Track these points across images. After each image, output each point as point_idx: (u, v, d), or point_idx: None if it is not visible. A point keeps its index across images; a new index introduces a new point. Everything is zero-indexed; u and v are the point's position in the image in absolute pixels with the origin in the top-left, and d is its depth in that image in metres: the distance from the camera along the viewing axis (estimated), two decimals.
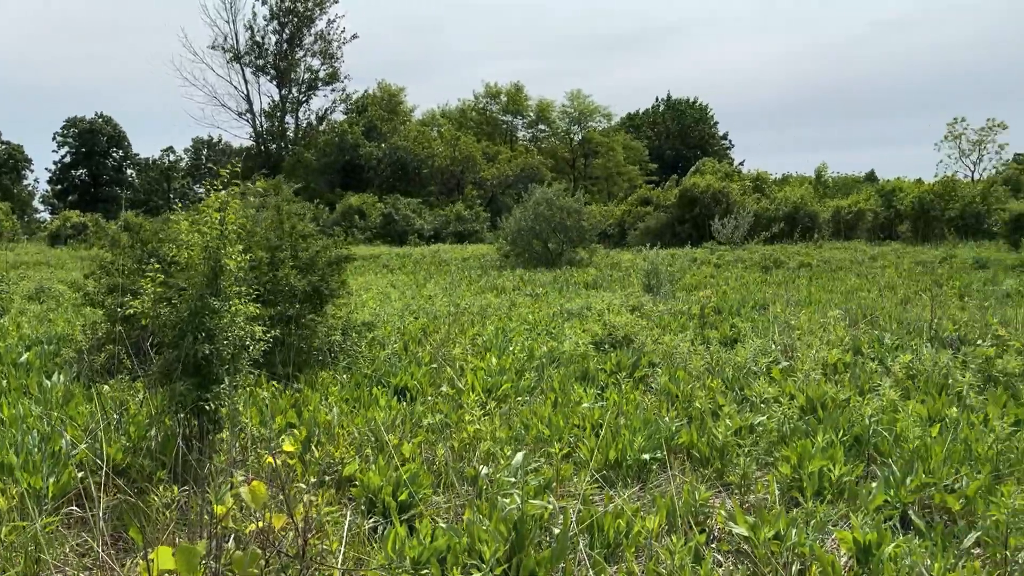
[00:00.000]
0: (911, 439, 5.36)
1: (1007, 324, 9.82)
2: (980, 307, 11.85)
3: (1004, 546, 3.81)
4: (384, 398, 6.89)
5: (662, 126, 77.61)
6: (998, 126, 70.15)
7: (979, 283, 16.43)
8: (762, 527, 3.95)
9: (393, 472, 4.82)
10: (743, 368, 7.94)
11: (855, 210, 41.19)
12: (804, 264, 23.03)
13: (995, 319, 10.20)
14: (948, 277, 17.91)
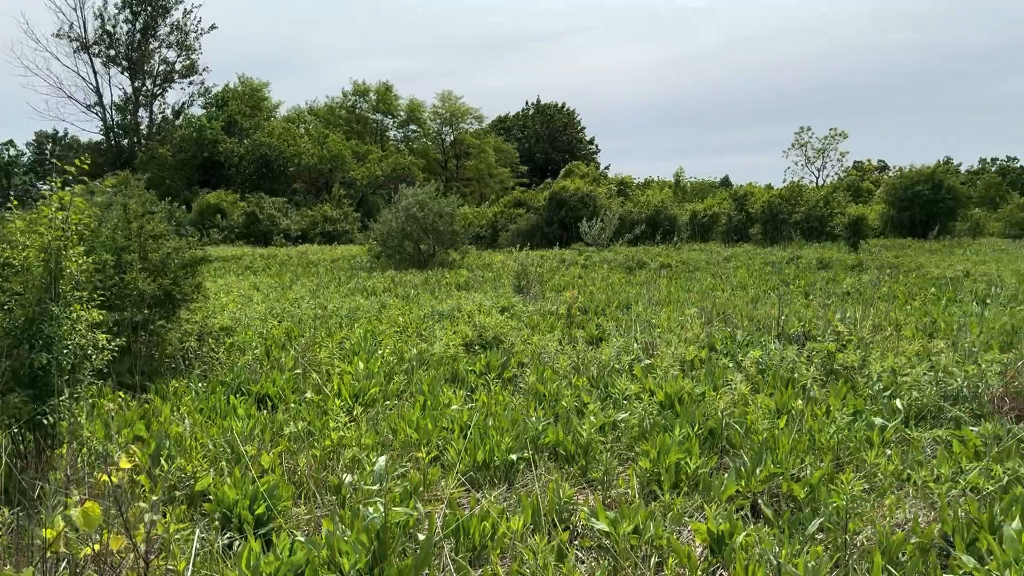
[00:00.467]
0: (760, 431, 5.65)
1: (846, 321, 10.56)
2: (823, 305, 12.70)
3: (844, 530, 4.07)
4: (243, 407, 6.59)
5: (532, 130, 78.90)
6: (840, 135, 75.71)
7: (822, 282, 17.63)
8: (622, 522, 4.04)
9: (250, 485, 4.60)
10: (607, 366, 8.14)
11: (711, 213, 43.34)
12: (665, 265, 23.98)
13: (836, 316, 10.95)
14: (794, 277, 19.13)
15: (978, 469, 4.73)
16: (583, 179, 46.53)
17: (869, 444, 5.51)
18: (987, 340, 9.18)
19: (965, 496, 4.44)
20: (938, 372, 7.08)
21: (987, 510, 4.08)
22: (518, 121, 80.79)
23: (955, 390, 6.60)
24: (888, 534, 3.91)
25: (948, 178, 45.00)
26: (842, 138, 75.30)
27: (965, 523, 3.98)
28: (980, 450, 5.28)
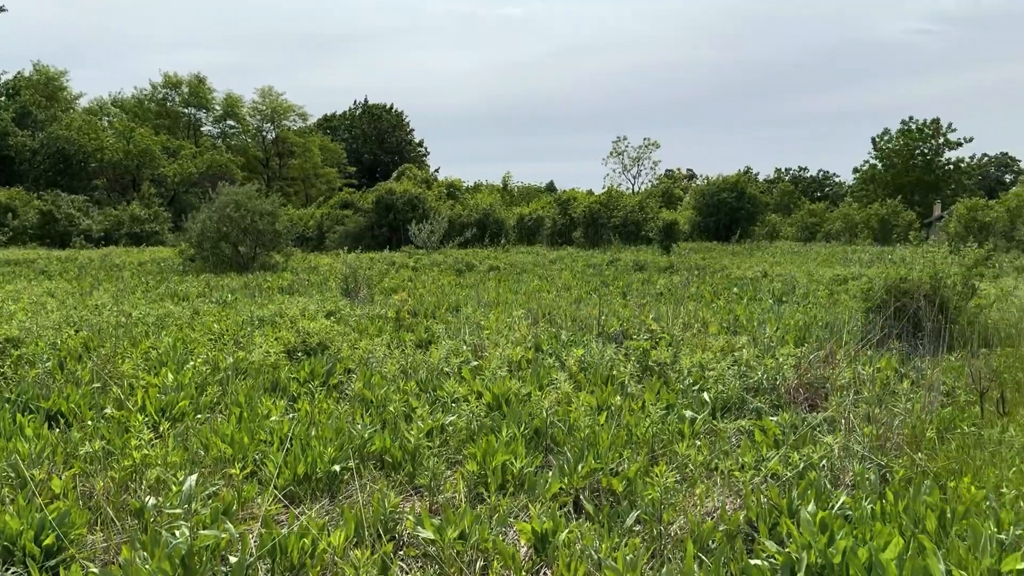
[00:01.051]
0: (582, 428, 5.80)
1: (659, 319, 11.14)
2: (639, 305, 13.34)
3: (659, 521, 4.23)
4: (31, 426, 5.92)
5: (360, 130, 77.54)
6: (652, 145, 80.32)
7: (638, 283, 18.56)
8: (448, 528, 3.99)
9: (36, 513, 4.12)
10: (436, 369, 8.08)
11: (536, 217, 44.50)
12: (493, 267, 24.33)
13: (650, 316, 11.53)
14: (613, 278, 20.02)
15: (777, 457, 5.10)
16: (413, 181, 46.32)
17: (681, 436, 5.81)
18: (783, 335, 10.00)
19: (767, 483, 4.77)
20: (741, 366, 7.60)
21: (786, 495, 4.40)
22: (345, 120, 79.16)
23: (756, 382, 7.12)
24: (699, 523, 4.12)
25: (748, 186, 48.94)
26: (655, 147, 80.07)
27: (767, 509, 4.26)
28: (779, 438, 5.70)
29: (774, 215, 58.32)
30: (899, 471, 4.79)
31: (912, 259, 12.90)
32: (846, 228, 50.92)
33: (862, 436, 5.34)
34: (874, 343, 8.63)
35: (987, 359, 8.22)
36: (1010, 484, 4.64)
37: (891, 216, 49.11)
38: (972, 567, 3.40)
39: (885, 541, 3.53)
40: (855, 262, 26.89)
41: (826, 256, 31.43)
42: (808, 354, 7.72)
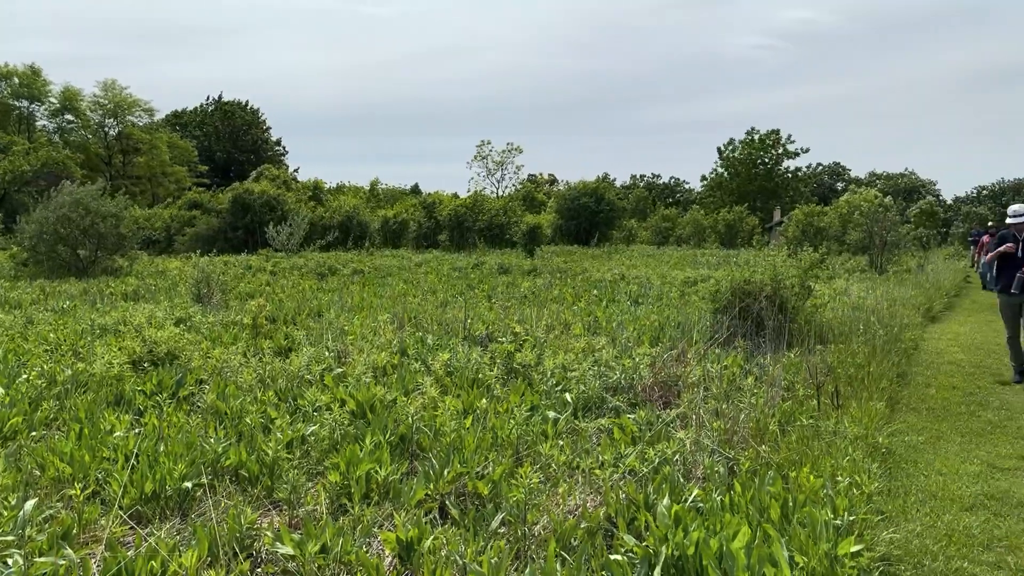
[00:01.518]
0: (448, 432, 5.79)
1: (524, 322, 11.32)
2: (503, 307, 13.49)
3: (523, 522, 4.29)
4: None
5: (212, 127, 74.05)
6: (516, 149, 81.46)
7: (503, 286, 18.77)
8: (308, 541, 3.87)
9: None
10: (296, 377, 7.83)
11: (401, 219, 44.13)
12: (357, 271, 23.90)
13: (515, 318, 11.69)
14: (479, 281, 20.15)
15: (634, 453, 5.29)
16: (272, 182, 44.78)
17: (545, 437, 5.92)
18: (639, 335, 10.40)
19: (625, 479, 4.94)
20: (601, 366, 7.84)
21: (643, 490, 4.57)
22: (196, 117, 75.39)
23: (615, 382, 7.36)
24: (562, 521, 4.20)
25: (607, 192, 50.61)
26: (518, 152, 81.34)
27: (626, 504, 4.41)
28: (636, 435, 5.92)
29: (631, 220, 60.64)
30: (745, 463, 5.09)
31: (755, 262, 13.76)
32: (696, 232, 53.66)
33: (711, 431, 5.63)
34: (721, 342, 9.13)
35: (822, 355, 8.87)
36: (844, 472, 5.04)
37: (736, 221, 52.21)
38: (811, 552, 3.66)
39: (734, 531, 3.73)
40: (704, 265, 28.37)
41: (678, 259, 32.99)
42: (662, 354, 8.06)
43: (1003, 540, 4.79)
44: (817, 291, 13.17)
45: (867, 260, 27.55)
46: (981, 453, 6.66)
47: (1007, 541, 4.77)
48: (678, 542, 3.58)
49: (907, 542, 4.63)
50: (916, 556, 4.46)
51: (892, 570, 4.21)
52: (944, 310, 17.62)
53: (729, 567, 3.43)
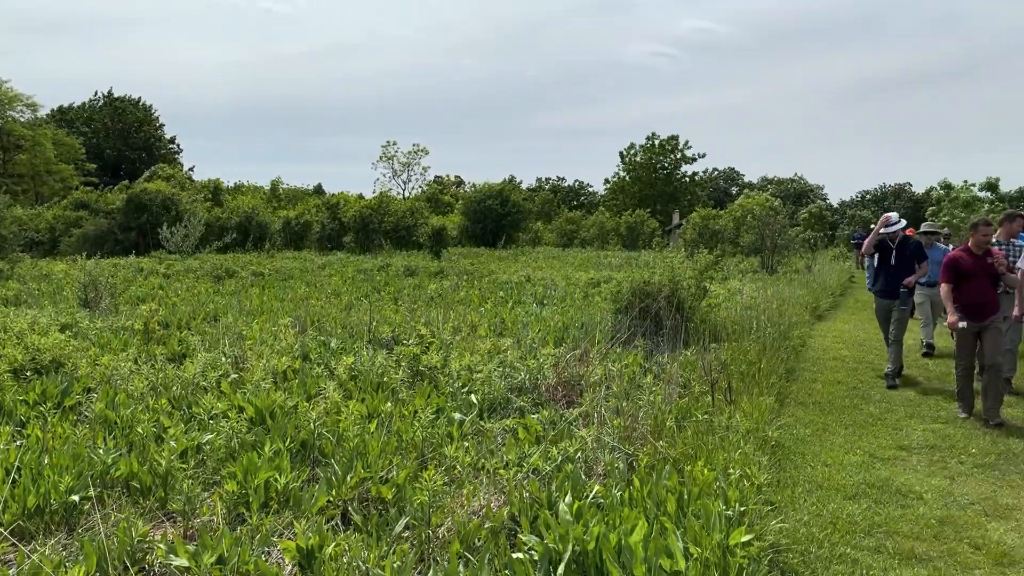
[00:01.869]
0: (351, 437, 5.72)
1: (430, 324, 11.28)
2: (410, 310, 13.41)
3: (427, 524, 4.28)
4: None
5: (100, 123, 70.51)
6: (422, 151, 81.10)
7: (409, 288, 18.64)
8: (203, 553, 3.76)
9: None
10: (191, 384, 7.56)
11: (304, 221, 43.19)
12: (257, 273, 23.25)
13: (421, 320, 11.64)
14: (385, 283, 19.95)
15: (538, 452, 5.37)
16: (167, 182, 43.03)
17: (450, 439, 5.92)
18: (544, 336, 10.53)
19: (528, 478, 5.00)
20: (506, 367, 7.91)
21: (546, 488, 4.64)
22: (84, 113, 71.62)
23: (519, 382, 7.44)
24: (466, 522, 4.22)
25: (513, 194, 50.98)
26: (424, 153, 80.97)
27: (529, 503, 4.47)
28: (540, 435, 6.00)
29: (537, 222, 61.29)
30: (644, 459, 5.24)
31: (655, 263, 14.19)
32: (600, 235, 54.72)
33: (612, 428, 5.77)
34: (623, 341, 9.36)
35: (716, 353, 9.22)
36: (735, 465, 5.25)
37: (638, 224, 53.53)
38: (705, 543, 3.80)
39: (632, 525, 3.84)
40: (607, 266, 28.97)
41: (582, 261, 33.56)
42: (565, 354, 8.20)
43: (882, 526, 5.10)
44: (712, 291, 13.67)
45: (759, 261, 28.76)
46: (863, 444, 7.07)
47: (886, 527, 5.09)
48: (578, 538, 3.65)
49: (795, 530, 4.88)
50: (803, 544, 4.70)
51: (781, 558, 4.43)
52: (830, 309, 18.59)
53: (627, 561, 3.53)
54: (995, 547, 4.73)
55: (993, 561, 4.55)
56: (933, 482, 6.00)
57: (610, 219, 57.64)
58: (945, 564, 4.51)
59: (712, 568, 3.59)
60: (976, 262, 7.98)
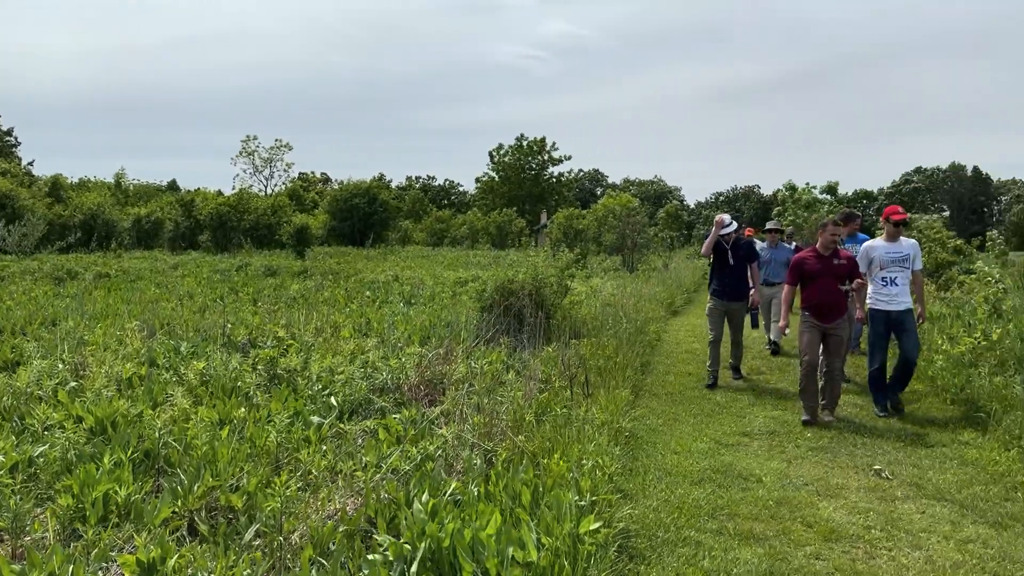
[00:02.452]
0: (200, 445, 5.48)
1: (291, 326, 10.97)
2: (269, 311, 12.99)
3: (279, 531, 4.17)
4: None
5: None
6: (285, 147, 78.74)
7: (270, 289, 18.04)
8: (32, 571, 3.50)
9: None
10: (24, 394, 7.01)
11: (155, 219, 40.94)
12: (102, 275, 21.81)
13: (280, 322, 11.30)
14: (243, 284, 19.20)
15: (397, 452, 5.34)
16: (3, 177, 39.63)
17: (307, 443, 5.79)
18: (409, 336, 10.48)
19: (387, 479, 4.96)
20: (368, 368, 7.81)
21: (404, 488, 4.62)
22: None
23: (381, 382, 7.37)
24: (320, 527, 4.14)
25: (381, 192, 50.39)
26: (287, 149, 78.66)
27: (386, 504, 4.44)
28: (401, 435, 5.96)
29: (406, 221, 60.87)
30: (502, 453, 5.32)
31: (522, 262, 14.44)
32: (470, 234, 55.02)
33: (472, 425, 5.83)
34: (487, 339, 9.46)
35: (576, 349, 9.48)
36: (589, 456, 5.43)
37: (507, 223, 54.23)
38: (556, 531, 3.91)
39: (487, 519, 3.89)
40: (476, 265, 29.17)
41: (452, 260, 33.64)
42: (428, 352, 8.19)
43: (725, 508, 5.41)
44: (575, 289, 14.05)
45: (621, 260, 29.80)
46: (710, 432, 7.48)
47: (728, 509, 5.40)
48: (433, 535, 3.67)
49: (644, 516, 5.09)
50: (651, 528, 4.92)
51: (630, 543, 4.61)
52: (684, 304, 19.53)
53: (480, 555, 3.58)
54: (824, 524, 5.11)
55: (823, 538, 4.92)
56: (772, 465, 6.42)
57: (480, 218, 58.07)
58: (780, 542, 4.84)
59: (562, 557, 3.70)
60: (823, 263, 7.84)
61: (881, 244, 8.17)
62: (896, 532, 5.01)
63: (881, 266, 8.05)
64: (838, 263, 7.81)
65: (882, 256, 8.07)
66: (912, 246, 8.14)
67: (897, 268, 8.00)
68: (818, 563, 4.52)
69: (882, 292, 8.04)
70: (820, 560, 4.57)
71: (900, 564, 4.51)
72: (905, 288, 8.01)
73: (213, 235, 40.29)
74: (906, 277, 8.03)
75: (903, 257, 8.03)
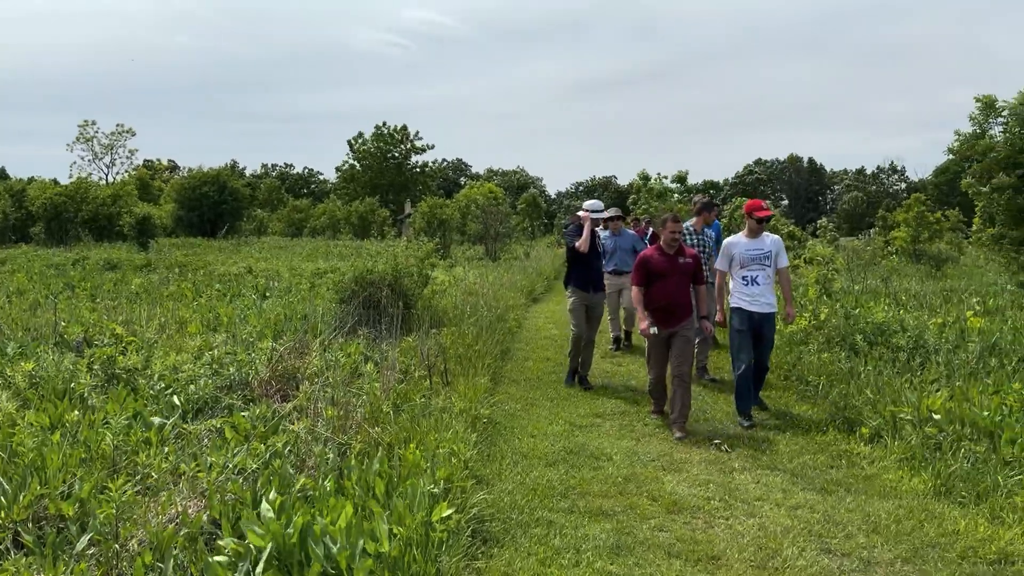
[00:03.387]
0: (27, 451, 5.08)
1: (132, 323, 10.33)
2: (109, 308, 12.19)
3: (116, 538, 3.94)
4: None
5: None
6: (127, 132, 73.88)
7: (110, 284, 16.93)
8: None
9: None
10: None
11: None
12: None
13: (120, 319, 10.62)
14: (80, 279, 17.91)
15: (244, 450, 5.15)
16: None
17: (148, 445, 5.48)
18: (262, 330, 10.12)
19: (232, 479, 4.78)
20: (215, 364, 7.49)
21: (251, 487, 4.47)
22: None
23: (230, 379, 7.08)
24: (160, 531, 3.94)
25: (233, 181, 48.27)
26: (130, 135, 73.83)
27: (232, 504, 4.28)
28: (250, 432, 5.76)
29: (261, 210, 58.67)
30: (357, 446, 5.25)
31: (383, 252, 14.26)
32: (330, 224, 53.74)
33: (326, 419, 5.71)
34: (345, 331, 9.29)
35: (437, 338, 9.48)
36: (446, 444, 5.45)
37: (369, 213, 53.34)
38: (409, 521, 3.91)
39: (338, 513, 3.83)
40: (336, 256, 28.55)
41: (311, 251, 32.77)
42: (281, 347, 7.95)
43: (577, 487, 5.59)
44: (437, 279, 14.03)
45: (484, 249, 30.05)
46: (564, 414, 7.69)
47: (580, 488, 5.58)
48: (278, 533, 3.57)
49: (499, 500, 5.18)
50: (506, 511, 5.01)
51: (484, 527, 4.68)
52: (544, 292, 19.95)
53: (331, 550, 3.52)
54: (668, 497, 5.38)
55: (666, 510, 5.18)
56: (622, 444, 6.70)
57: (341, 208, 56.81)
58: (627, 517, 5.05)
59: (414, 545, 3.71)
60: (668, 261, 7.26)
61: (742, 241, 7.56)
62: (733, 501, 5.35)
63: (741, 264, 7.47)
64: (684, 261, 7.28)
65: (742, 254, 7.48)
66: (775, 243, 7.57)
67: (758, 267, 7.41)
68: (661, 535, 4.76)
69: (744, 292, 7.44)
70: (663, 532, 4.81)
71: (736, 532, 4.82)
72: (768, 287, 7.45)
73: (47, 227, 37.29)
74: (768, 276, 7.44)
75: (764, 255, 7.45)
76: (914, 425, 6.38)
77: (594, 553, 4.44)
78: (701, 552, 4.50)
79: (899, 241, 26.39)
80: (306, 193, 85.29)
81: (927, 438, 6.13)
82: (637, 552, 4.50)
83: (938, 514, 5.08)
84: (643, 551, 4.51)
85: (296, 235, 52.80)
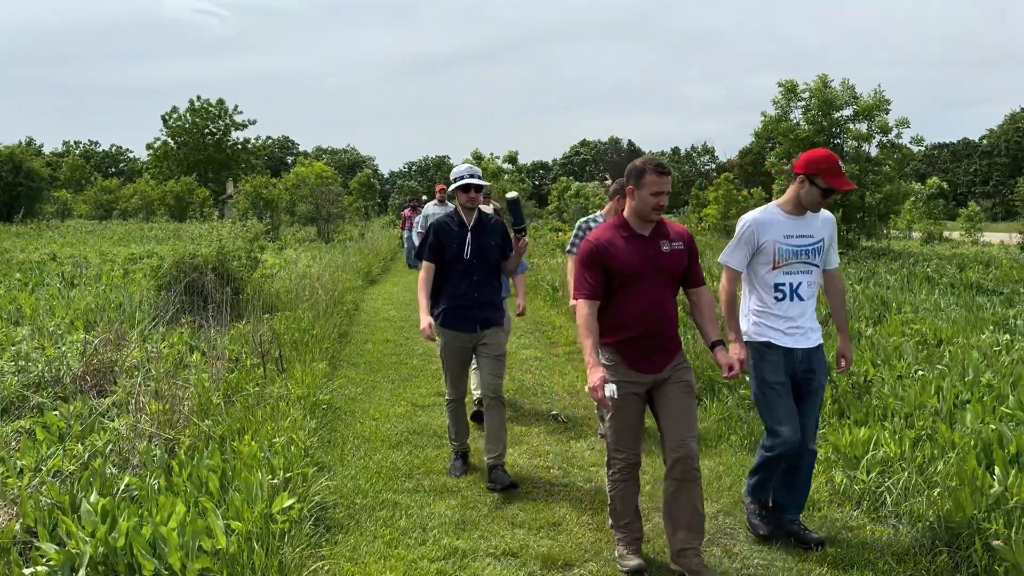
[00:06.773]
0: None
1: None
2: None
3: None
4: None
5: None
6: None
7: None
8: None
9: None
10: None
11: None
12: None
13: None
14: None
15: (60, 451, 4.74)
16: None
17: None
18: (72, 321, 9.31)
19: (47, 483, 4.40)
20: (20, 361, 6.82)
21: (69, 491, 4.13)
22: None
23: (38, 376, 6.48)
24: None
25: (30, 160, 43.85)
26: None
27: (47, 510, 3.93)
28: (64, 432, 5.31)
29: (64, 191, 53.74)
30: (185, 441, 4.98)
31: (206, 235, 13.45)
32: (143, 206, 50.15)
33: (150, 414, 5.37)
34: (167, 320, 8.74)
35: (269, 323, 9.13)
36: (283, 432, 5.28)
37: (186, 193, 50.24)
38: (247, 515, 3.76)
39: (168, 512, 3.63)
40: (152, 239, 26.73)
41: (123, 235, 30.46)
42: (95, 338, 7.36)
43: (421, 467, 5.60)
44: (267, 262, 13.48)
45: (316, 231, 29.18)
46: (407, 395, 7.67)
47: (424, 467, 5.60)
48: (102, 537, 3.33)
49: (342, 486, 5.10)
50: (350, 497, 4.94)
51: (327, 515, 4.59)
52: (381, 273, 19.73)
53: (162, 550, 3.33)
54: (511, 469, 5.48)
55: None
56: None
57: (155, 188, 53.10)
58: (472, 492, 5.13)
59: (253, 539, 3.58)
60: (642, 248, 4.00)
61: (779, 218, 4.51)
62: (571, 469, 5.57)
63: (776, 262, 3.87)
64: (669, 248, 3.98)
65: (780, 243, 3.23)
66: (828, 225, 4.71)
67: (802, 267, 3.66)
68: (506, 507, 4.88)
69: (776, 312, 4.45)
70: (508, 504, 4.93)
71: (575, 498, 5.03)
72: (813, 303, 4.09)
73: None
74: (815, 282, 4.30)
75: (814, 247, 4.57)
76: (730, 388, 6.90)
77: (440, 530, 4.48)
78: (543, 520, 4.65)
79: (711, 218, 28.23)
80: (115, 172, 79.03)
81: (742, 399, 6.65)
82: (482, 525, 4.58)
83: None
84: (488, 524, 4.61)
85: (105, 218, 48.85)
